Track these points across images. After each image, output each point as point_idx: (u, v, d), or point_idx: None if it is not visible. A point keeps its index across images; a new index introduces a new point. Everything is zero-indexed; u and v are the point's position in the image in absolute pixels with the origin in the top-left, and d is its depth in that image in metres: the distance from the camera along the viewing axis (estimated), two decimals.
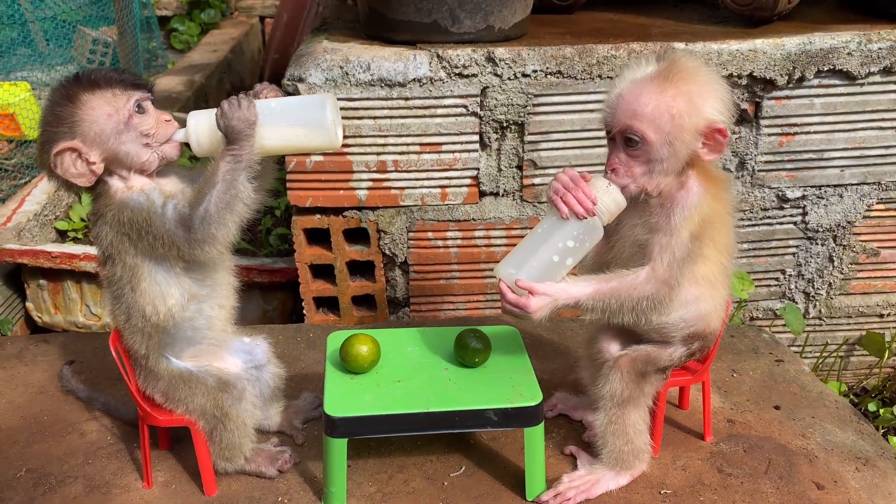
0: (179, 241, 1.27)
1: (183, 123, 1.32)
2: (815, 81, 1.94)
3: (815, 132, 1.99)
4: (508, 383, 1.39)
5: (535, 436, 1.36)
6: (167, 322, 1.35)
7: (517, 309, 1.27)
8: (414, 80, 1.87)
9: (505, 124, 1.94)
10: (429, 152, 1.95)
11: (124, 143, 1.27)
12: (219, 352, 1.46)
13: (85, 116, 1.25)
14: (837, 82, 1.94)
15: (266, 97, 1.33)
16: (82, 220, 2.52)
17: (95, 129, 1.26)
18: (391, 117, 1.91)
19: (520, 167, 1.99)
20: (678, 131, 1.22)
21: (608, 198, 1.27)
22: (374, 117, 1.91)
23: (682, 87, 1.22)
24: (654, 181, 1.27)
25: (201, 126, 1.29)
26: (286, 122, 1.29)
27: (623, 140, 1.26)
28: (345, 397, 1.36)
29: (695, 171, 1.29)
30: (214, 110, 1.27)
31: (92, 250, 2.12)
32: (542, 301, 1.27)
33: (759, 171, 2.02)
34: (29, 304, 2.21)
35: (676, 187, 1.28)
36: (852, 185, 2.05)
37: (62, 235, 2.48)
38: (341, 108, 1.89)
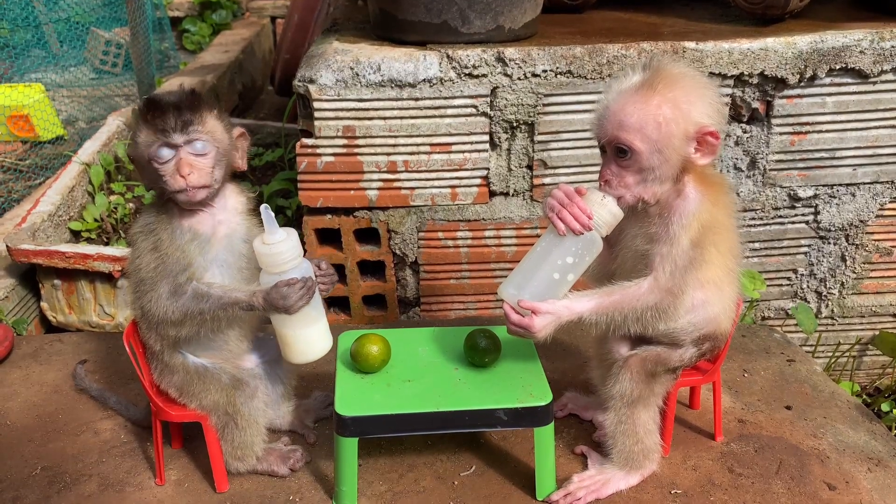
0: (158, 296, 1.31)
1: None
2: (827, 80, 1.93)
3: (827, 131, 1.98)
4: (518, 383, 1.39)
5: (545, 435, 1.37)
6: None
7: (522, 329, 1.28)
8: (424, 80, 1.88)
9: (515, 124, 1.94)
10: (439, 152, 1.96)
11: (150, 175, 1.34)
12: (234, 358, 1.48)
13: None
14: (849, 81, 1.93)
15: (319, 285, 1.37)
16: (96, 220, 2.54)
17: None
18: (401, 118, 1.92)
19: (530, 167, 1.99)
20: (666, 138, 1.22)
21: (604, 210, 1.27)
22: (385, 118, 1.92)
23: (667, 94, 1.22)
24: (649, 190, 1.27)
25: (280, 243, 1.30)
26: (302, 324, 1.33)
27: (613, 151, 1.26)
28: (355, 397, 1.37)
29: (692, 177, 1.28)
30: (293, 240, 1.31)
31: (105, 251, 2.14)
32: (546, 320, 1.28)
33: (771, 170, 2.01)
34: (43, 304, 2.23)
35: (674, 195, 1.28)
36: (865, 183, 2.04)
37: (76, 236, 2.50)
38: (352, 109, 1.90)
